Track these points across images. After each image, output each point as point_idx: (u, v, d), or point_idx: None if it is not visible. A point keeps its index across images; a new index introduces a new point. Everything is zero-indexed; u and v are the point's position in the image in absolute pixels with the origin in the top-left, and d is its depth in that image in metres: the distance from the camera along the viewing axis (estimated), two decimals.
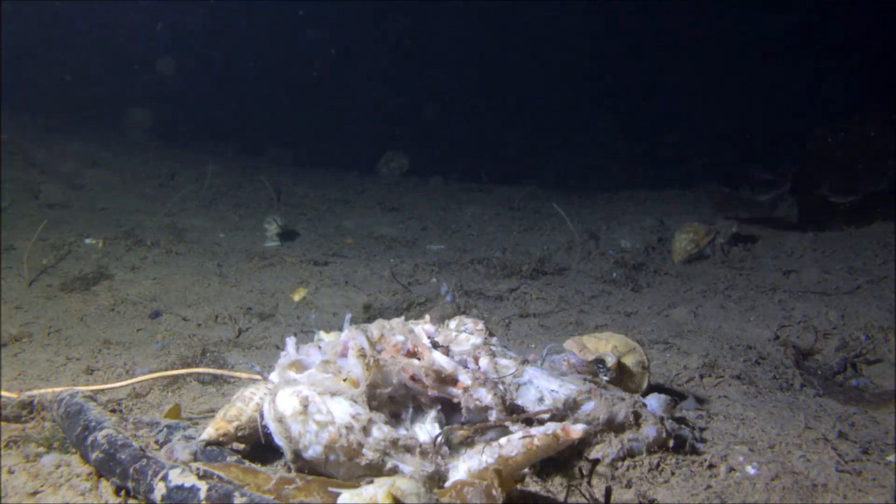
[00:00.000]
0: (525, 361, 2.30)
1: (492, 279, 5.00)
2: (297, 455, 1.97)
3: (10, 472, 2.08)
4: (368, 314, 4.13)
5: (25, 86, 13.19)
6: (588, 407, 2.18)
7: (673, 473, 2.10)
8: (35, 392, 2.58)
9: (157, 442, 2.28)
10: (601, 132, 14.44)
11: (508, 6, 16.17)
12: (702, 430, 2.48)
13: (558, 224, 7.14)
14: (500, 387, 2.14)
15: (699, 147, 13.25)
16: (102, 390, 2.75)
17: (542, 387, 2.21)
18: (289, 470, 2.02)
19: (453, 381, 2.11)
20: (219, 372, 2.93)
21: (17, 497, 1.97)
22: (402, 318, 2.29)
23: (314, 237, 6.17)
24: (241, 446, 2.19)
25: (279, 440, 2.00)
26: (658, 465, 2.15)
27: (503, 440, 1.96)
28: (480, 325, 2.39)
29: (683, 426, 2.36)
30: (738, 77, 14.34)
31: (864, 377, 3.40)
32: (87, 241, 5.13)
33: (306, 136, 14.29)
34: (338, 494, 1.67)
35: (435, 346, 2.23)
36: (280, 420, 1.97)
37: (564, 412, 2.16)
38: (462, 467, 1.92)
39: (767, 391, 3.04)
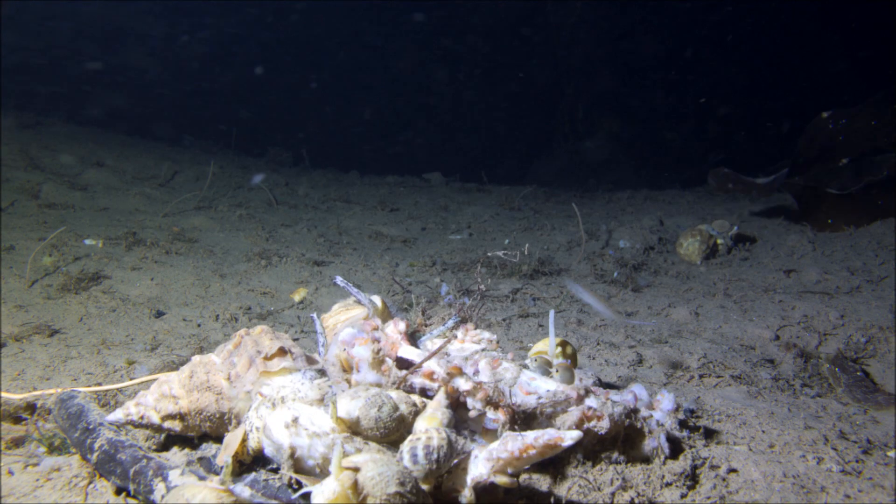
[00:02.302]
0: (525, 367, 2.32)
1: (492, 279, 5.00)
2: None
3: (10, 472, 2.09)
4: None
5: (26, 85, 13.20)
6: (589, 402, 2.19)
7: (674, 474, 2.10)
8: (37, 393, 2.58)
9: (156, 443, 2.28)
10: (601, 132, 14.44)
11: (510, 4, 16.17)
12: (702, 430, 2.47)
13: (559, 224, 7.15)
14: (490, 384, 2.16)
15: (703, 146, 13.26)
16: (102, 390, 2.75)
17: (538, 387, 2.22)
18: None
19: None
20: None
21: (16, 497, 1.97)
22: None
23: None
24: None
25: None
26: (658, 465, 2.15)
27: (495, 445, 1.92)
28: (487, 335, 2.42)
29: (683, 428, 2.36)
30: (742, 75, 14.32)
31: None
32: (88, 241, 5.12)
33: (307, 137, 14.30)
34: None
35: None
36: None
37: (560, 409, 2.17)
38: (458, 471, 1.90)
39: (767, 391, 3.04)
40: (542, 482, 2.07)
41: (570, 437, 1.78)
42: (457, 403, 2.15)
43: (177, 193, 7.25)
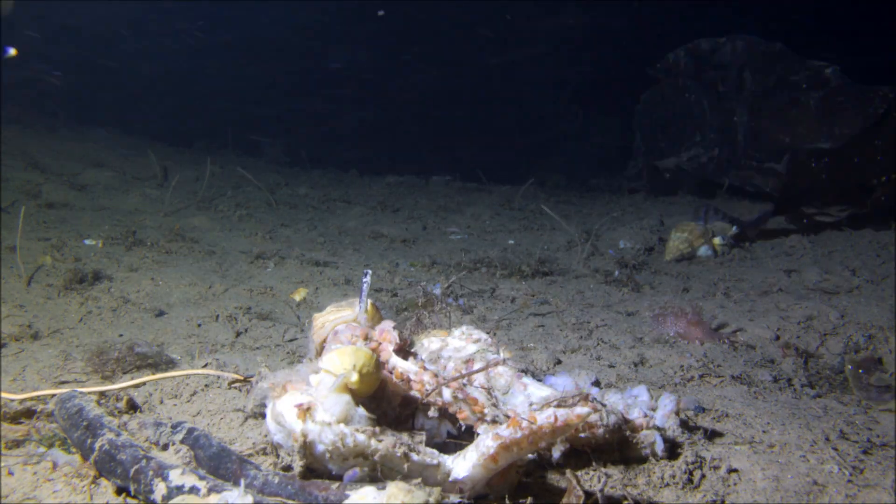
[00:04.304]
0: (524, 371, 2.32)
1: (492, 279, 5.00)
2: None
3: (10, 472, 2.08)
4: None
5: (27, 85, 13.19)
6: (580, 411, 2.19)
7: (674, 474, 2.10)
8: (37, 393, 2.58)
9: (157, 443, 2.28)
10: (602, 132, 14.45)
11: (507, 5, 16.18)
12: (702, 430, 2.47)
13: (559, 224, 7.15)
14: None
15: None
16: (103, 390, 2.75)
17: (532, 393, 2.23)
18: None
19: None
20: (216, 373, 2.94)
21: (16, 497, 1.97)
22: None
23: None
24: None
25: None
26: (658, 466, 2.15)
27: (501, 428, 1.93)
28: (485, 336, 2.42)
29: (685, 430, 2.36)
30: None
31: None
32: (88, 241, 5.12)
33: (306, 136, 14.30)
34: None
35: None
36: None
37: None
38: (468, 456, 1.91)
39: (768, 391, 3.04)
40: (541, 483, 2.07)
41: (581, 412, 1.81)
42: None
43: (176, 193, 7.25)
